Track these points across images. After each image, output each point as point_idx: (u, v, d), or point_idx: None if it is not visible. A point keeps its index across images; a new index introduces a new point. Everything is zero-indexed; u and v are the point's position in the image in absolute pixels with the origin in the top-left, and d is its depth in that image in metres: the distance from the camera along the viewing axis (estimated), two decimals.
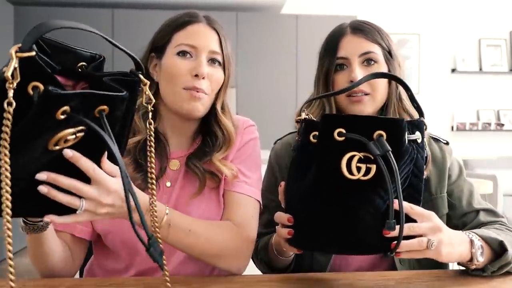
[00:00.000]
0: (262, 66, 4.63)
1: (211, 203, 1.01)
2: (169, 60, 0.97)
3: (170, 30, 0.99)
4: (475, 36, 5.22)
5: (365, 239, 0.76)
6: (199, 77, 0.95)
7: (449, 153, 1.10)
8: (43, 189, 0.63)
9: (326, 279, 0.90)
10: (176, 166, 1.02)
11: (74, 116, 0.58)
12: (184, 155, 1.03)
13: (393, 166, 0.71)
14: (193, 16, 1.00)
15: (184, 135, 1.05)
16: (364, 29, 1.07)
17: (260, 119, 1.48)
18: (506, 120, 5.22)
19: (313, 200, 0.77)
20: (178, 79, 0.95)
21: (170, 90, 0.97)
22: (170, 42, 0.98)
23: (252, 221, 0.99)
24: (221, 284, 0.87)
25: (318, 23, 4.57)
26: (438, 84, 5.18)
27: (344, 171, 0.73)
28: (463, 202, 1.06)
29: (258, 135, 1.10)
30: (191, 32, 0.98)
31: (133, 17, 4.50)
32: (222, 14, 4.48)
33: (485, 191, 2.64)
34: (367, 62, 1.05)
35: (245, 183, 1.01)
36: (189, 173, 1.01)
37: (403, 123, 0.76)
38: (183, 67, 0.95)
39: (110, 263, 1.02)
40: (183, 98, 0.96)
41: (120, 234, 0.96)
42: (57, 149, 0.61)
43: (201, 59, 0.96)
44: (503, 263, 0.88)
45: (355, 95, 1.05)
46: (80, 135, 0.61)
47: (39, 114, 0.56)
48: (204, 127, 1.04)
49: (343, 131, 0.74)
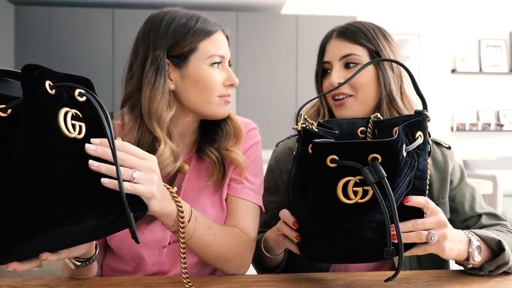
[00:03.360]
0: (262, 66, 4.63)
1: (215, 205, 1.01)
2: (201, 71, 0.96)
3: (194, 39, 0.96)
4: (475, 36, 5.22)
5: (369, 250, 0.77)
6: (234, 86, 0.99)
7: (450, 157, 1.09)
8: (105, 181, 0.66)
9: (326, 279, 0.90)
10: (186, 169, 1.01)
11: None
12: (189, 157, 1.03)
13: (388, 193, 0.70)
14: (213, 24, 1.00)
15: (189, 137, 1.04)
16: (347, 31, 1.07)
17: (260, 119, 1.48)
18: (506, 120, 5.22)
19: (313, 223, 0.78)
20: (213, 89, 0.97)
21: (204, 99, 0.97)
22: (196, 51, 0.96)
23: (255, 228, 1.01)
24: (221, 284, 0.87)
25: (318, 23, 4.57)
26: (438, 84, 5.18)
27: (341, 197, 0.72)
28: (465, 207, 1.06)
29: (260, 137, 1.10)
30: (219, 42, 0.99)
31: (133, 17, 4.49)
32: (222, 14, 4.48)
33: (485, 191, 2.64)
34: (347, 65, 1.06)
35: (249, 189, 1.02)
36: (194, 173, 1.01)
37: (398, 143, 0.73)
38: (219, 78, 0.97)
39: (119, 265, 1.02)
40: (218, 104, 0.98)
41: (132, 247, 0.97)
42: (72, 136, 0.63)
43: (228, 69, 1.00)
44: (500, 263, 0.89)
45: (337, 99, 1.06)
46: (82, 124, 0.64)
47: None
48: (205, 126, 1.05)
49: (336, 158, 0.72)
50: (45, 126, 0.61)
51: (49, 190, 0.59)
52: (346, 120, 0.96)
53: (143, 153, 0.74)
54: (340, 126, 0.93)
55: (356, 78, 0.98)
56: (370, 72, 1.05)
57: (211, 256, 0.92)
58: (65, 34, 4.46)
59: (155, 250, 0.96)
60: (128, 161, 0.70)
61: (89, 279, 0.90)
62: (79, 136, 0.64)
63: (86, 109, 0.66)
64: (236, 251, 0.95)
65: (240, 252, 0.95)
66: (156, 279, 0.91)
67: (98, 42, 4.51)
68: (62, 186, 0.60)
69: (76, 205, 0.61)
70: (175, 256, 0.98)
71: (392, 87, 1.06)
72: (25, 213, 0.59)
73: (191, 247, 0.89)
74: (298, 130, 0.81)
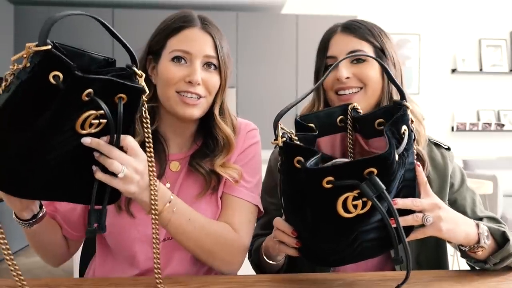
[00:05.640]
0: (262, 66, 4.63)
1: (211, 204, 1.01)
2: (164, 66, 0.97)
3: (164, 35, 0.99)
4: (475, 36, 5.21)
5: (373, 248, 0.78)
6: (193, 84, 0.95)
7: (450, 159, 1.09)
8: (96, 173, 0.73)
9: (326, 279, 0.90)
10: (176, 168, 1.02)
11: (96, 100, 0.67)
12: (184, 157, 1.03)
13: (388, 203, 0.70)
14: (187, 21, 0.98)
15: (184, 137, 1.05)
16: (353, 27, 1.07)
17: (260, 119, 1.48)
18: (506, 120, 5.22)
19: (315, 237, 0.78)
20: (172, 85, 0.96)
21: (165, 95, 0.98)
22: (165, 48, 0.98)
23: (248, 226, 1.01)
24: (221, 284, 0.87)
25: (318, 23, 4.57)
26: (438, 84, 5.18)
27: (342, 213, 0.72)
28: (467, 211, 1.05)
29: (260, 137, 1.10)
30: (185, 38, 0.97)
31: (133, 17, 4.50)
32: (222, 14, 4.48)
33: (485, 191, 2.63)
34: (356, 60, 1.04)
35: (244, 188, 1.02)
36: (191, 175, 1.01)
37: (391, 154, 0.71)
38: (177, 73, 0.96)
39: (110, 262, 1.02)
40: (176, 101, 0.97)
41: (125, 243, 0.98)
42: (84, 133, 0.69)
43: (195, 66, 0.96)
44: (505, 254, 0.90)
45: (343, 93, 1.04)
46: (103, 122, 0.70)
47: (66, 96, 0.64)
48: (205, 129, 1.05)
49: (332, 179, 0.70)
50: (67, 119, 0.68)
51: (45, 156, 0.67)
52: (323, 111, 0.95)
53: (137, 151, 0.77)
54: (318, 119, 0.91)
55: (366, 71, 1.02)
56: (377, 68, 1.04)
57: (193, 247, 0.93)
58: (65, 34, 4.46)
59: (149, 246, 0.96)
60: (120, 158, 0.74)
61: (89, 279, 0.90)
62: (93, 131, 0.70)
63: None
64: (222, 244, 0.94)
65: (227, 246, 0.95)
66: (156, 279, 0.91)
67: (98, 42, 4.51)
68: (55, 161, 0.69)
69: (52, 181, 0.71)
70: (169, 252, 0.98)
71: (392, 85, 1.05)
72: (24, 159, 0.67)
73: (172, 235, 0.91)
74: (279, 147, 0.78)
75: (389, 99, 1.05)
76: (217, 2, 4.56)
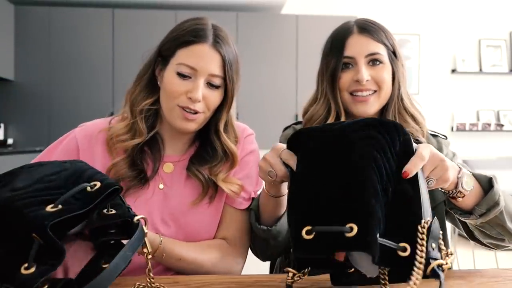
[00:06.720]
0: (262, 66, 4.63)
1: (206, 214, 1.02)
2: (169, 77, 0.98)
3: (175, 44, 0.98)
4: (475, 36, 5.22)
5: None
6: (193, 101, 0.96)
7: (445, 145, 1.12)
8: None
9: (326, 279, 0.90)
10: (169, 169, 1.04)
11: None
12: (179, 160, 1.04)
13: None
14: (198, 36, 0.97)
15: (180, 142, 1.06)
16: (370, 28, 1.08)
17: (260, 119, 1.49)
18: (506, 120, 5.23)
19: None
20: (173, 98, 0.97)
21: (166, 105, 0.99)
22: (173, 57, 0.98)
23: (246, 235, 1.04)
24: (221, 284, 0.87)
25: (318, 23, 4.58)
26: (438, 84, 5.18)
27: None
28: None
29: (257, 135, 1.11)
30: (194, 54, 0.96)
31: (133, 17, 4.50)
32: (222, 14, 4.49)
33: None
34: (373, 62, 1.07)
35: (243, 198, 1.04)
36: (188, 180, 1.03)
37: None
38: (180, 88, 0.96)
39: None
40: (178, 115, 0.98)
41: None
42: None
43: (198, 83, 0.96)
44: (491, 203, 0.84)
45: (360, 95, 1.06)
46: None
47: None
48: (202, 135, 1.06)
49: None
50: None
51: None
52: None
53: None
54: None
55: (382, 74, 1.05)
56: (390, 72, 1.08)
57: (190, 272, 0.96)
58: (65, 34, 4.46)
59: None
60: None
61: None
62: None
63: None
64: (219, 262, 0.99)
65: (223, 263, 0.99)
66: (156, 279, 0.91)
67: (98, 42, 4.51)
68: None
69: None
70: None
71: (402, 87, 1.10)
72: None
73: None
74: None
75: (398, 101, 1.09)
76: (217, 2, 4.56)
